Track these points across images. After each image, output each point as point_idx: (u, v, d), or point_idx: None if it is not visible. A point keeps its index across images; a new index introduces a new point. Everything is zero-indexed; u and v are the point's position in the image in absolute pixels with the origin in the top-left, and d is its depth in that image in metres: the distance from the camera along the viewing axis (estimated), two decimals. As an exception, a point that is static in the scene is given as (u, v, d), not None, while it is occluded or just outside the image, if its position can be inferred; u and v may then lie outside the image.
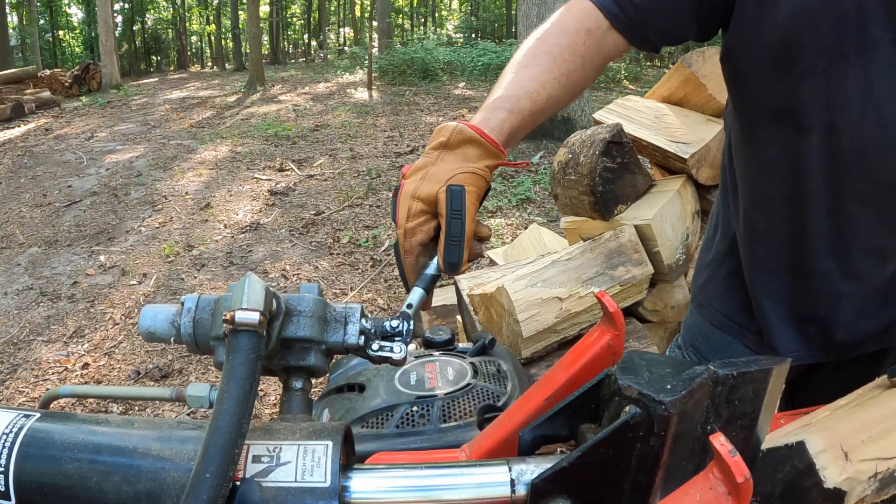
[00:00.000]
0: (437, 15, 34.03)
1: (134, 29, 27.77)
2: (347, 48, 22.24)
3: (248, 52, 16.28)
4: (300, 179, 5.85)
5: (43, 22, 23.88)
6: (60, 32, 26.74)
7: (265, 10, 24.76)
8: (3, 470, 0.40)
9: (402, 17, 32.43)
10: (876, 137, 0.67)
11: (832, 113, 0.69)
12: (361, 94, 11.15)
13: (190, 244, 4.39)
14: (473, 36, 24.02)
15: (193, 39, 33.31)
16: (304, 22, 32.68)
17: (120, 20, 26.05)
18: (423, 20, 33.61)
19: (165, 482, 0.39)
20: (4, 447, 0.40)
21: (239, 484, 0.39)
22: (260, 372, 0.42)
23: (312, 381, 0.54)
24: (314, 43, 30.99)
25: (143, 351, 3.07)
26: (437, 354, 0.79)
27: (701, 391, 0.40)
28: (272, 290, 0.46)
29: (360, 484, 0.42)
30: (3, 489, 0.40)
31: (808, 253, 0.79)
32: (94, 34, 18.67)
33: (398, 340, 0.55)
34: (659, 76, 6.18)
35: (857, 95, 0.66)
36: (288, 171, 6.16)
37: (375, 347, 0.53)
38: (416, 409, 0.69)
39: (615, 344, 0.51)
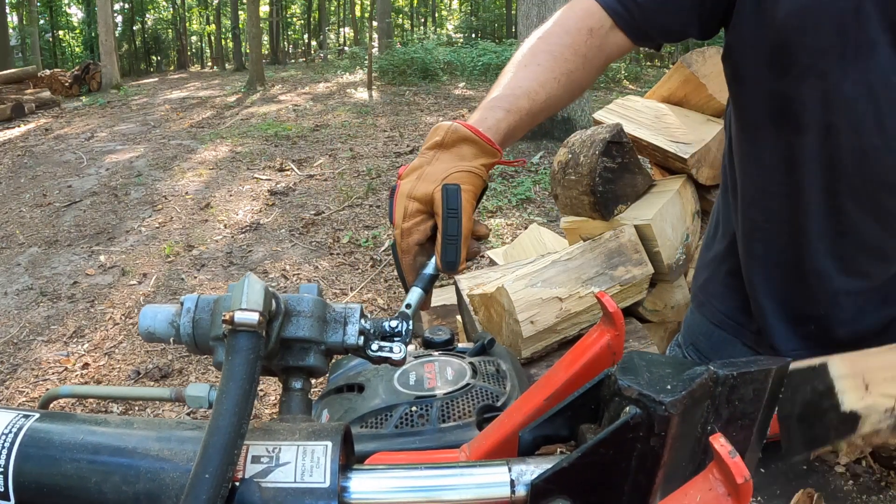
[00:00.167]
0: (437, 15, 34.03)
1: (134, 29, 27.77)
2: (347, 48, 22.25)
3: (248, 52, 16.29)
4: (300, 179, 5.85)
5: (43, 22, 23.88)
6: (60, 32, 26.75)
7: (265, 10, 24.76)
8: (2, 470, 0.40)
9: (402, 17, 32.42)
10: (874, 138, 0.68)
11: (830, 113, 0.69)
12: (361, 94, 11.15)
13: (190, 244, 4.39)
14: (473, 36, 24.02)
15: (193, 39, 33.31)
16: (304, 22, 32.69)
17: (120, 20, 26.05)
18: (423, 20, 33.61)
19: (165, 482, 0.39)
20: (4, 447, 0.40)
21: (238, 484, 0.39)
22: (259, 372, 0.42)
23: (312, 381, 0.54)
24: (314, 43, 30.99)
25: (143, 351, 3.07)
26: (436, 354, 0.79)
27: (701, 391, 0.40)
28: (272, 290, 0.46)
29: (359, 484, 0.42)
30: (2, 489, 0.40)
31: (806, 252, 0.79)
32: (94, 34, 18.68)
33: (397, 341, 0.55)
34: (659, 76, 6.18)
35: (855, 96, 0.66)
36: (288, 171, 6.16)
37: (375, 348, 0.53)
38: (415, 409, 0.69)
39: (615, 344, 0.51)
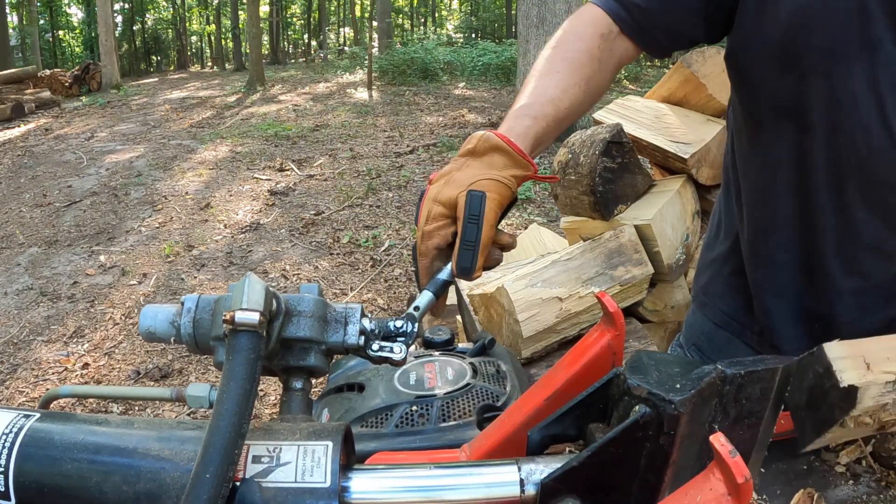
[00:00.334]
0: (437, 15, 34.02)
1: (134, 29, 27.76)
2: (347, 48, 22.25)
3: (248, 52, 16.29)
4: (300, 179, 5.85)
5: (43, 22, 23.87)
6: (60, 32, 26.73)
7: (265, 10, 24.76)
8: (2, 470, 0.40)
9: (402, 17, 32.42)
10: (879, 137, 0.68)
11: (835, 112, 0.69)
12: (361, 94, 11.15)
13: (190, 244, 4.39)
14: (473, 36, 24.03)
15: (193, 39, 33.30)
16: (304, 22, 32.68)
17: (120, 20, 26.04)
18: (423, 20, 33.61)
19: (165, 482, 0.39)
20: (4, 447, 0.40)
21: (239, 484, 0.39)
22: (260, 372, 0.42)
23: (312, 381, 0.54)
24: (314, 43, 30.99)
25: (143, 351, 3.07)
26: (436, 354, 0.79)
27: (710, 390, 0.40)
28: (272, 290, 0.46)
29: (360, 484, 0.42)
30: (2, 489, 0.40)
31: (811, 251, 0.79)
32: (94, 34, 18.67)
33: (401, 341, 0.55)
34: (659, 76, 6.18)
35: (859, 95, 0.66)
36: (288, 171, 6.16)
37: (375, 348, 0.53)
38: (415, 408, 0.69)
39: (615, 344, 0.51)
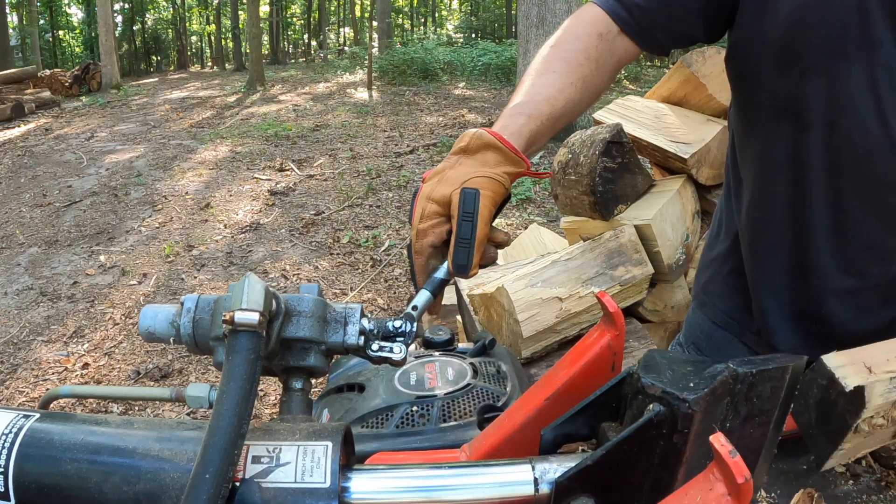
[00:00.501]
0: (437, 15, 34.02)
1: (134, 29, 27.75)
2: (347, 48, 22.25)
3: (248, 52, 16.29)
4: (300, 179, 5.85)
5: (43, 22, 23.86)
6: (60, 32, 26.73)
7: (265, 10, 24.76)
8: (2, 470, 0.40)
9: (402, 17, 32.42)
10: (877, 137, 0.68)
11: (834, 111, 0.69)
12: (361, 94, 11.15)
13: (190, 244, 4.39)
14: (473, 36, 24.01)
15: (193, 39, 33.29)
16: (304, 22, 32.67)
17: (120, 20, 26.03)
18: (423, 20, 33.61)
19: (165, 483, 0.39)
20: (4, 447, 0.40)
21: (238, 485, 0.39)
22: (260, 372, 0.42)
23: (312, 381, 0.53)
24: (314, 43, 30.99)
25: (143, 351, 3.07)
26: (436, 354, 0.79)
27: (722, 388, 0.40)
28: (272, 290, 0.46)
29: (360, 484, 0.42)
30: (2, 490, 0.40)
31: (809, 250, 0.79)
32: (94, 34, 18.66)
33: (400, 341, 0.55)
34: (659, 76, 6.18)
35: (858, 94, 0.66)
36: (288, 171, 6.16)
37: (375, 348, 0.53)
38: (415, 409, 0.69)
39: (615, 344, 0.51)
